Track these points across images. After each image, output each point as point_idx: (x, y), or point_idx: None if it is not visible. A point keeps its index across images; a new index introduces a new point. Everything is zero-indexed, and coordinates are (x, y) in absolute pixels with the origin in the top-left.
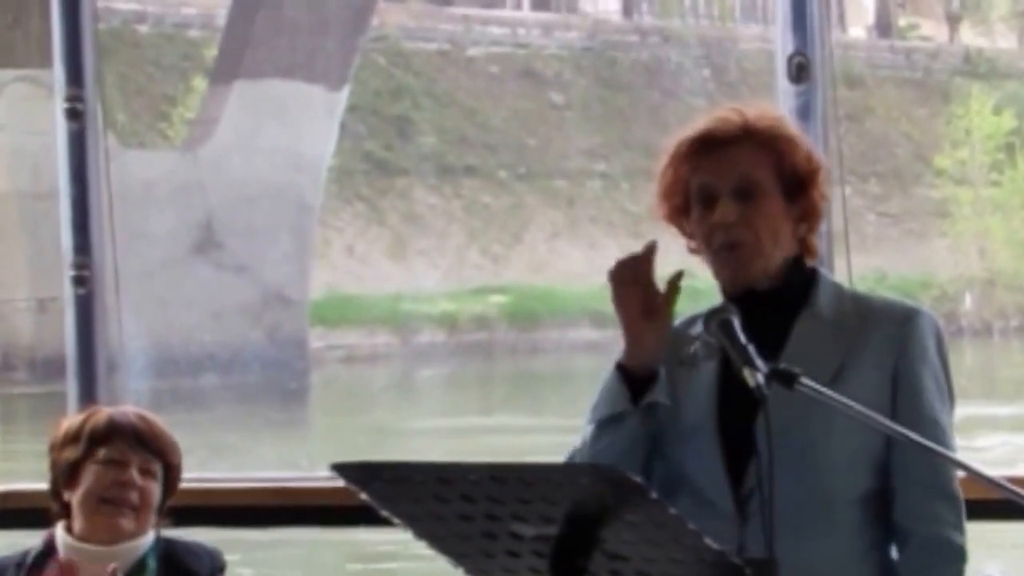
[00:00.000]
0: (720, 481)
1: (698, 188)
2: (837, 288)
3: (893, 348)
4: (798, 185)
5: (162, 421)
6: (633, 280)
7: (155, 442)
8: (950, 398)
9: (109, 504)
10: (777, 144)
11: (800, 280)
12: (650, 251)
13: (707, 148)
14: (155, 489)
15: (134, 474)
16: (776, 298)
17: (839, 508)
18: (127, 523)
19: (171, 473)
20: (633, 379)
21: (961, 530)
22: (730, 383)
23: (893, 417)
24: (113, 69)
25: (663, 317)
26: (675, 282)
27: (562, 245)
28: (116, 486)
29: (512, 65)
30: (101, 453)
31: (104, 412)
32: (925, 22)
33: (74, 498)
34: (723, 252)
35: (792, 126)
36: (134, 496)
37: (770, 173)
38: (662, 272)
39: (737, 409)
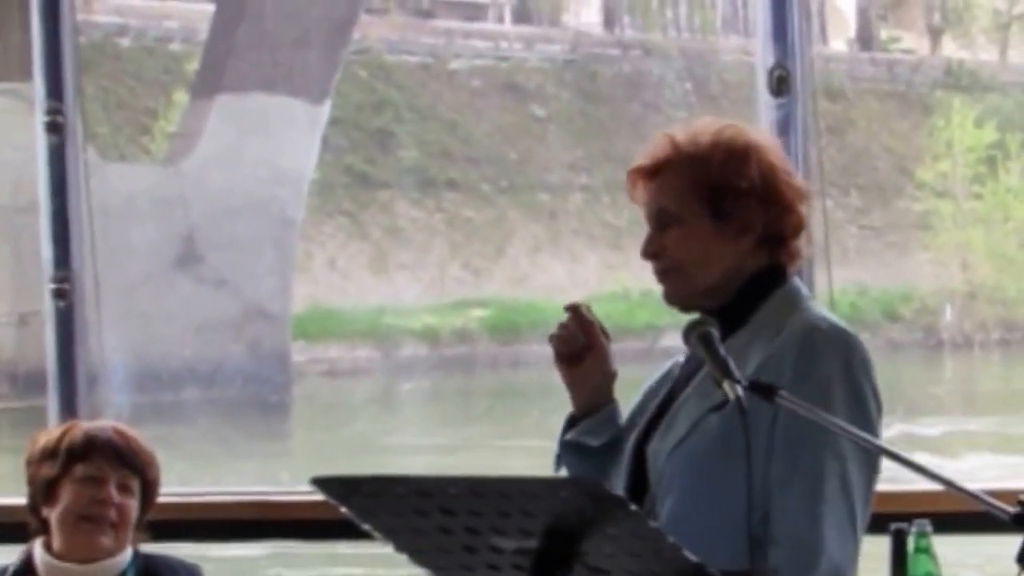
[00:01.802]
0: None
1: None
2: (790, 303)
3: (778, 367)
4: (723, 201)
5: (140, 435)
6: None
7: (133, 457)
8: (859, 413)
9: (88, 522)
10: (693, 166)
11: (753, 296)
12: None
13: (640, 180)
14: (133, 505)
15: (112, 491)
16: (720, 317)
17: (740, 527)
18: (106, 541)
19: (149, 488)
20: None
21: (808, 569)
22: (667, 406)
23: (771, 438)
24: (94, 82)
25: (589, 356)
26: (582, 315)
27: (544, 258)
28: (95, 504)
29: (494, 78)
30: (79, 470)
31: (81, 427)
32: (907, 35)
33: (52, 515)
34: (657, 279)
35: (722, 141)
36: (112, 513)
37: (688, 198)
38: (646, 283)
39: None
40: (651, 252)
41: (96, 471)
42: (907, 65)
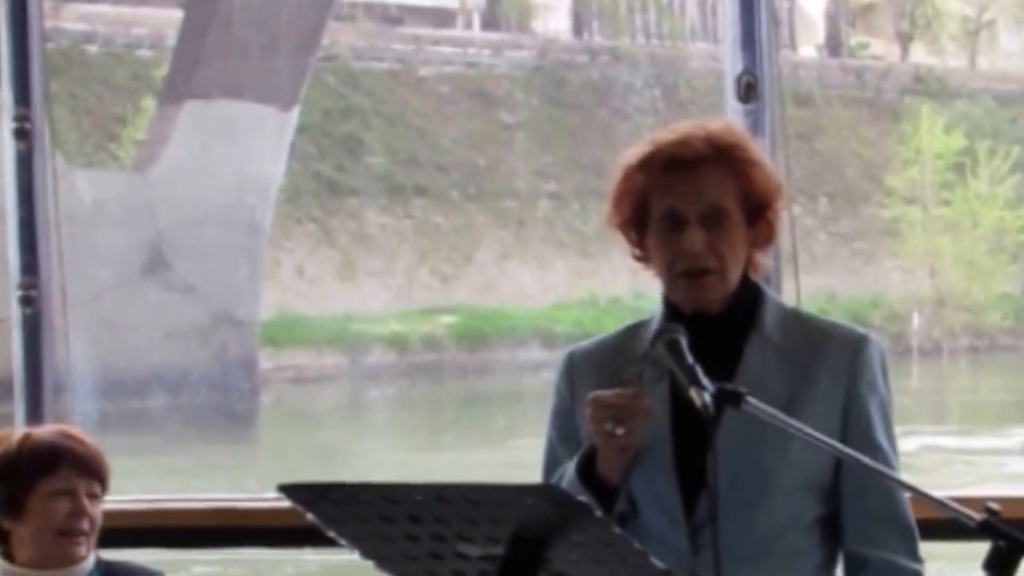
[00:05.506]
0: (674, 511)
1: (666, 210)
2: (781, 308)
3: (843, 377)
4: (758, 210)
5: (87, 437)
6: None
7: (97, 464)
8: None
9: (65, 536)
10: (743, 168)
11: (747, 300)
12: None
13: (674, 169)
14: (100, 512)
15: (84, 502)
16: (724, 320)
17: (787, 536)
18: (82, 551)
19: (106, 490)
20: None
21: (914, 556)
22: (683, 410)
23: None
24: (62, 89)
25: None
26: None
27: (512, 265)
28: (71, 517)
29: (462, 85)
30: (48, 484)
31: (40, 439)
32: (875, 41)
33: (21, 530)
34: (685, 279)
35: (754, 146)
36: (86, 524)
37: (735, 199)
38: (614, 290)
39: (690, 438)
40: (698, 250)
41: (66, 484)
42: (876, 71)
